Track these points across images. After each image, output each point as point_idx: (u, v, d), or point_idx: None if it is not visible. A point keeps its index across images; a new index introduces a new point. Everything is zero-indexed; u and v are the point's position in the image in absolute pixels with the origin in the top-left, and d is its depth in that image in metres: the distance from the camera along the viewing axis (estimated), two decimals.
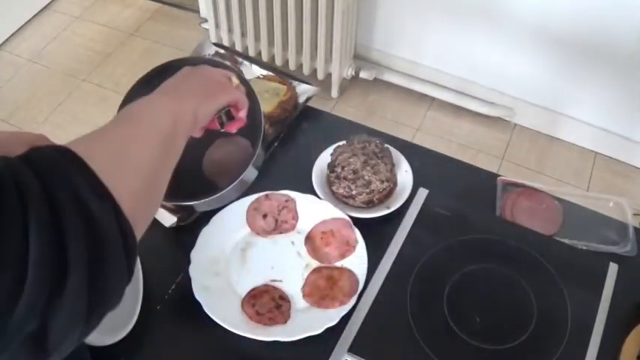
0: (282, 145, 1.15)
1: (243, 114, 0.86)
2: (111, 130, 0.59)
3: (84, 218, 0.45)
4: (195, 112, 0.71)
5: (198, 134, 0.82)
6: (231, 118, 0.84)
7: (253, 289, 0.93)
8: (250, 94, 0.89)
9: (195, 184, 0.96)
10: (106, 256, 0.47)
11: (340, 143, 1.08)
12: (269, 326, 0.89)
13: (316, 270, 0.95)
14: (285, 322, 0.89)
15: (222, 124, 0.83)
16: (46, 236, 0.43)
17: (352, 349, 0.86)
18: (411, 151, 1.11)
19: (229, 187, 0.93)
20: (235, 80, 0.85)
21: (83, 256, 0.45)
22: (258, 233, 1.00)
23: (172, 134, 0.64)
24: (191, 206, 0.96)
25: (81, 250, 0.45)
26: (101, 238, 0.47)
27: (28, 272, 0.41)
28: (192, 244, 0.97)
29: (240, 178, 0.93)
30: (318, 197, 1.03)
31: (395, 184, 1.06)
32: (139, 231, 0.54)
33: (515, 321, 0.90)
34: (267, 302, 0.91)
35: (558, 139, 2.26)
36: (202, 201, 0.93)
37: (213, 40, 2.32)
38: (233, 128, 0.85)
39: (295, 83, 1.23)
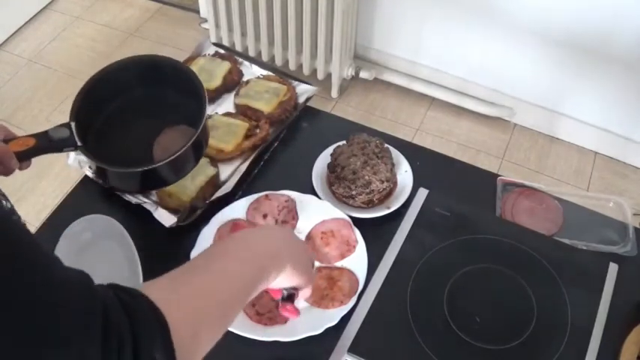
0: (282, 145, 1.15)
1: (301, 303, 0.87)
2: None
3: None
4: (275, 282, 0.73)
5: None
6: (290, 298, 0.82)
7: None
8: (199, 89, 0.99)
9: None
10: None
11: (340, 143, 1.08)
12: (269, 326, 0.89)
13: (316, 270, 0.95)
14: (285, 322, 0.89)
15: (283, 298, 0.82)
16: None
17: (352, 349, 0.86)
18: (411, 151, 1.11)
19: (165, 161, 0.95)
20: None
21: None
22: None
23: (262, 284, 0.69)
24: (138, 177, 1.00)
25: None
26: None
27: None
28: (192, 244, 0.97)
29: (176, 154, 0.95)
30: (318, 197, 1.03)
31: (395, 184, 1.06)
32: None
33: (515, 321, 0.90)
34: (267, 302, 0.91)
35: (558, 139, 2.26)
36: (140, 169, 0.96)
37: (213, 40, 2.32)
38: (287, 314, 0.83)
39: (295, 83, 1.23)
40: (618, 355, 0.86)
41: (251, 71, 1.26)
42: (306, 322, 0.89)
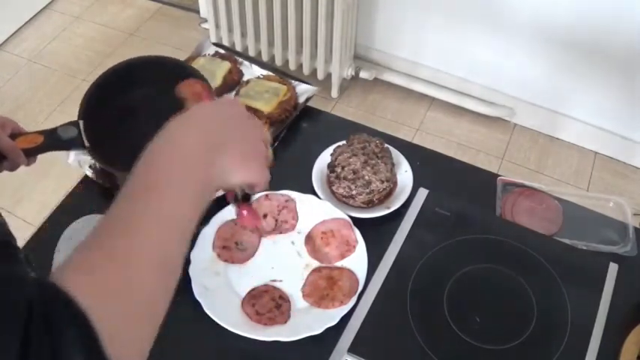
0: (282, 145, 1.15)
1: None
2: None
3: None
4: (220, 183, 0.63)
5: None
6: (247, 198, 0.75)
7: (253, 290, 0.93)
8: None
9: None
10: None
11: (340, 143, 1.08)
12: (269, 326, 0.89)
13: (316, 270, 0.95)
14: (285, 322, 0.89)
15: (236, 200, 0.75)
16: None
17: (352, 349, 0.86)
18: (411, 151, 1.11)
19: None
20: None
21: None
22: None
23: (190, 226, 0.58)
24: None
25: None
26: None
27: None
28: (192, 244, 0.97)
29: None
30: (318, 197, 1.03)
31: (395, 184, 1.06)
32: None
33: (515, 321, 0.90)
34: (267, 302, 0.91)
35: (558, 139, 2.26)
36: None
37: (213, 40, 2.32)
38: (246, 221, 0.77)
39: (295, 83, 1.23)
40: (618, 355, 0.86)
41: (251, 71, 1.26)
42: (306, 322, 0.89)
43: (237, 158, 0.64)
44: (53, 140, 0.88)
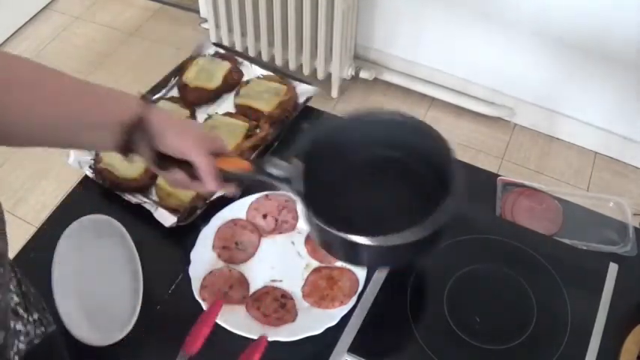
0: (282, 145, 1.15)
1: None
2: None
3: None
4: (155, 132, 0.69)
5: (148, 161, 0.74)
6: (194, 177, 0.73)
7: (254, 293, 0.93)
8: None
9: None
10: None
11: None
12: (277, 327, 0.89)
13: (316, 270, 0.95)
14: (294, 319, 0.89)
15: (192, 177, 0.74)
16: None
17: (352, 349, 0.86)
18: None
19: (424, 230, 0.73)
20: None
21: None
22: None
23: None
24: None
25: None
26: None
27: None
28: (192, 244, 0.97)
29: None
30: None
31: None
32: None
33: (515, 321, 0.90)
34: (270, 303, 0.91)
35: (558, 139, 2.26)
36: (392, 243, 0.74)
37: (213, 40, 2.32)
38: (215, 188, 0.74)
39: (295, 83, 1.23)
40: (618, 355, 0.86)
41: (251, 71, 1.26)
42: (306, 322, 0.89)
43: (175, 124, 0.72)
44: (261, 173, 0.77)
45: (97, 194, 1.08)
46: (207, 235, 0.99)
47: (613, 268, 0.95)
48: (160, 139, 0.71)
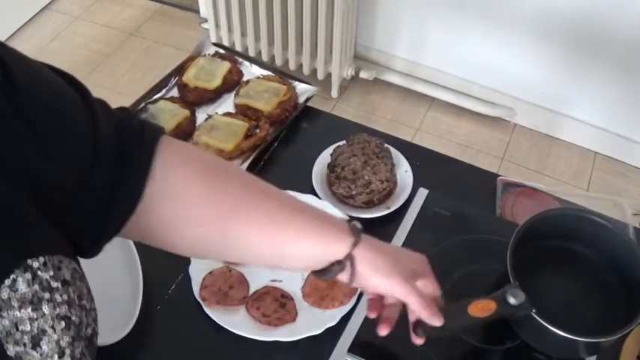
0: (282, 145, 1.15)
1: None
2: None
3: None
4: (365, 274, 0.68)
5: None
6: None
7: (254, 293, 0.93)
8: None
9: None
10: None
11: (340, 143, 1.08)
12: (277, 327, 0.88)
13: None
14: (294, 319, 0.89)
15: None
16: None
17: (352, 349, 0.86)
18: (411, 151, 1.11)
19: None
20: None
21: None
22: None
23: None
24: None
25: None
26: None
27: None
28: None
29: None
30: (318, 197, 1.03)
31: (395, 184, 1.06)
32: None
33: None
34: (270, 303, 0.91)
35: (558, 139, 2.26)
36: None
37: (213, 40, 2.31)
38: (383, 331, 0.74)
39: (295, 83, 1.23)
40: (618, 355, 0.86)
41: (251, 71, 1.26)
42: (306, 322, 0.89)
43: (387, 268, 0.70)
44: (504, 307, 0.76)
45: None
46: None
47: None
48: (361, 281, 0.69)
